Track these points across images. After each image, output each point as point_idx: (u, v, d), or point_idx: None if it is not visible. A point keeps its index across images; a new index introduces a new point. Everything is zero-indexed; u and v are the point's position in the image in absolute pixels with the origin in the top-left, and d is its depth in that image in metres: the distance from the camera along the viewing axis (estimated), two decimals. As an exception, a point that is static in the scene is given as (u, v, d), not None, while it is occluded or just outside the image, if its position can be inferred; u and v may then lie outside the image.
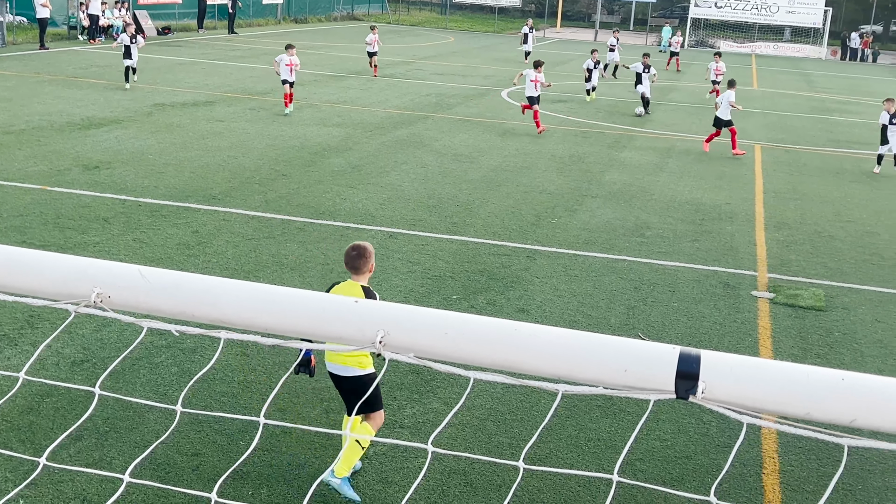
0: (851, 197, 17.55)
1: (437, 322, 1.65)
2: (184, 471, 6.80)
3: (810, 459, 7.69)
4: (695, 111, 28.10)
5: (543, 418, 7.94)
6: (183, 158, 17.35)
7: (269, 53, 31.64)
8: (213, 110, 23.04)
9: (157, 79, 27.47)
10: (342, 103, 25.64)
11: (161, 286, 1.64)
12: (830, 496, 6.95)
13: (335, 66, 33.85)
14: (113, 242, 12.12)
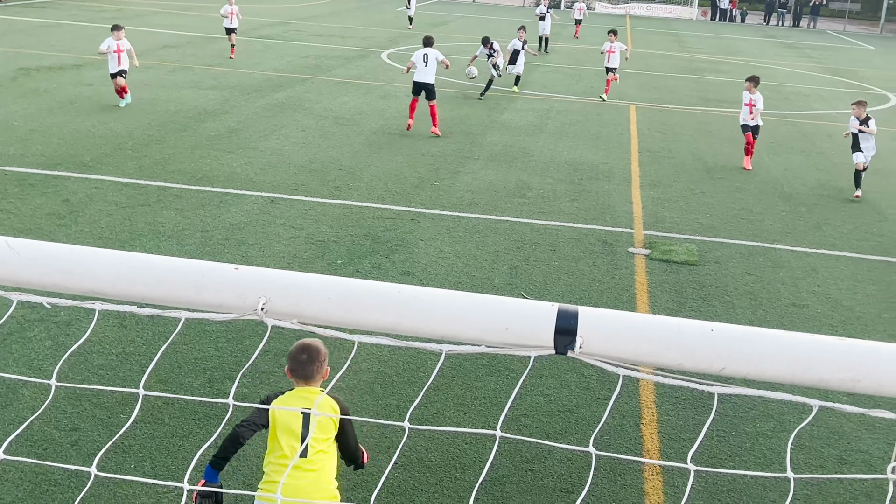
0: (721, 154, 18.15)
1: (320, 287, 1.65)
2: (62, 446, 6.73)
3: (686, 409, 7.88)
4: (573, 72, 28.71)
5: (429, 379, 7.96)
6: (51, 124, 16.85)
7: (141, 15, 30.59)
8: (82, 74, 22.29)
9: (20, 42, 26.30)
10: (217, 66, 25.16)
11: (30, 257, 1.59)
12: (706, 443, 7.29)
13: (210, 28, 32.52)
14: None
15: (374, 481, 6.62)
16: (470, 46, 28.28)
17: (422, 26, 37.36)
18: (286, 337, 8.21)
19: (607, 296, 10.57)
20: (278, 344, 8.17)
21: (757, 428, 7.75)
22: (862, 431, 7.84)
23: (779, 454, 7.31)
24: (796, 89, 28.81)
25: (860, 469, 7.40)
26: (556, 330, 1.56)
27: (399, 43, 32.81)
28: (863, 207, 14.88)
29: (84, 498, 6.16)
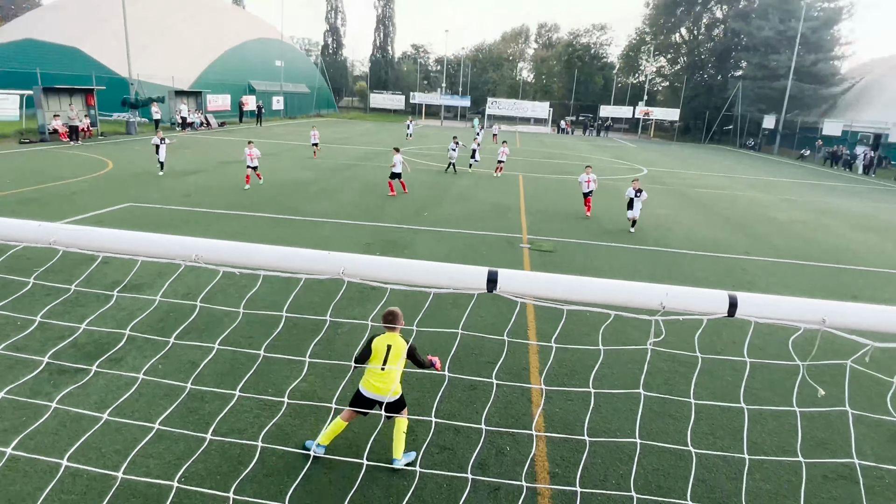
0: (565, 199, 18.49)
1: (374, 261, 1.79)
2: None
3: (555, 323, 7.98)
4: (489, 163, 29.87)
5: (422, 311, 8.00)
6: (231, 187, 16.75)
7: (278, 135, 30.97)
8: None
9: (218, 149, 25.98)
10: (307, 158, 25.07)
11: (228, 250, 1.83)
12: (573, 343, 7.38)
13: (309, 139, 32.26)
14: None
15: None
16: (436, 147, 29.24)
17: (417, 138, 39.60)
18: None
19: (512, 265, 9.95)
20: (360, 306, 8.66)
21: (617, 333, 7.87)
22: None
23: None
24: (598, 165, 30.10)
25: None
26: (488, 280, 1.68)
27: (404, 146, 33.93)
28: (637, 233, 15.01)
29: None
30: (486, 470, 5.01)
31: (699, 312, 1.79)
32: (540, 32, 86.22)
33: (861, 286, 11.59)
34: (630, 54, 73.99)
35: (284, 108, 55.39)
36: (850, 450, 5.58)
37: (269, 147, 29.56)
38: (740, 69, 60.54)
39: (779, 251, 14.08)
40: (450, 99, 68.38)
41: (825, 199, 24.30)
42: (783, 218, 18.90)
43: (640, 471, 5.16)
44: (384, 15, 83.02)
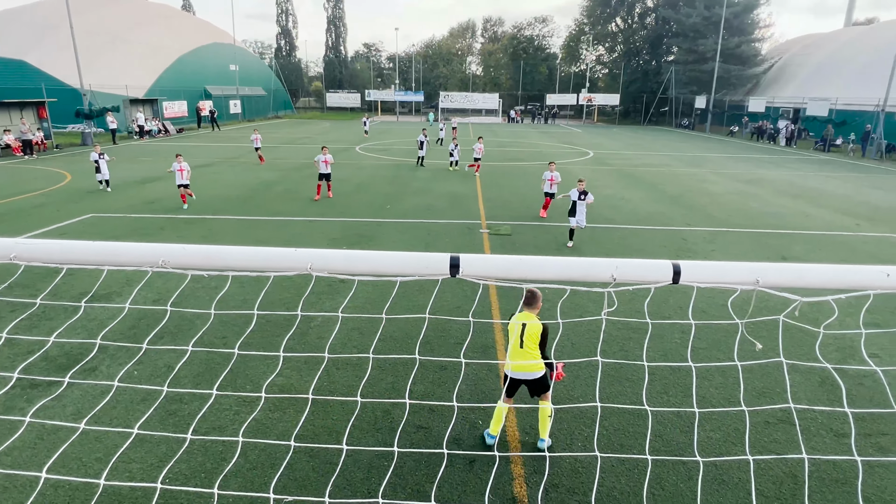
0: (518, 184, 18.57)
1: (339, 255, 1.73)
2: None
3: (516, 301, 8.10)
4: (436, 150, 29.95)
5: (390, 298, 8.34)
6: (197, 192, 15.97)
7: (235, 139, 29.73)
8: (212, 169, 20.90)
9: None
10: (279, 159, 25.08)
11: (196, 252, 1.74)
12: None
13: (273, 140, 31.25)
14: None
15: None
16: (399, 142, 28.51)
17: (375, 134, 38.82)
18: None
19: (472, 250, 10.17)
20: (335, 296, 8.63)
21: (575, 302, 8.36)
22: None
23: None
24: (548, 151, 30.43)
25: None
26: (451, 265, 1.69)
27: (362, 143, 33.40)
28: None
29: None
30: (461, 444, 5.06)
31: (647, 282, 1.83)
32: (485, 27, 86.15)
33: (789, 248, 12.14)
34: (571, 44, 74.76)
35: (242, 111, 53.85)
36: (786, 396, 5.87)
37: (230, 151, 28.76)
38: (672, 54, 61.95)
39: (715, 221, 14.58)
40: (403, 95, 67.73)
41: (754, 171, 25.25)
42: (717, 190, 19.56)
43: (602, 432, 5.31)
44: (334, 16, 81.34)
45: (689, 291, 8.24)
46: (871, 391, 6.08)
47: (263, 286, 8.30)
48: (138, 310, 7.70)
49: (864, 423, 5.51)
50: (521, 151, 30.86)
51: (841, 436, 5.30)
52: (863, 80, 40.13)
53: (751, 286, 1.86)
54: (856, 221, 15.03)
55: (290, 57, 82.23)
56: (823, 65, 47.09)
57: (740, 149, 36.59)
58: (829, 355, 6.90)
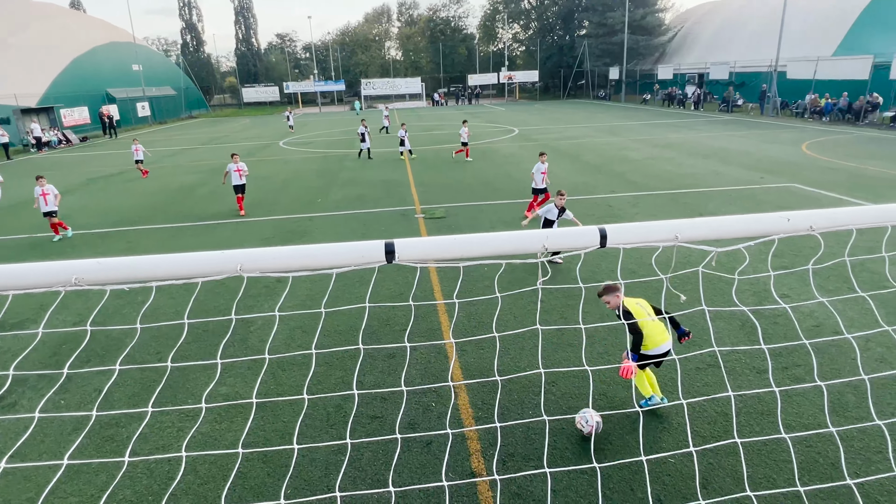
0: (447, 166, 18.51)
1: (272, 252, 1.69)
2: None
3: (456, 281, 8.28)
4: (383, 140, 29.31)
5: (329, 286, 8.00)
6: (111, 203, 14.78)
7: (147, 143, 27.06)
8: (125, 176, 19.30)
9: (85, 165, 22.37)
10: (203, 160, 23.77)
11: (114, 266, 1.65)
12: (475, 296, 7.64)
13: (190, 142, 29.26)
14: None
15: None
16: (323, 133, 27.67)
17: (299, 128, 37.77)
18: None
19: (409, 235, 11.14)
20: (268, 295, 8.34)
21: (514, 277, 8.17)
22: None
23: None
24: (474, 132, 30.72)
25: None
26: (386, 252, 1.68)
27: (286, 137, 32.15)
28: (517, 188, 15.62)
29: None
30: (417, 427, 5.09)
31: (577, 248, 1.89)
32: (401, 10, 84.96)
33: (705, 205, 12.93)
34: (487, 24, 75.18)
35: (152, 113, 50.61)
36: (711, 342, 6.29)
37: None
38: (584, 28, 63.71)
39: (636, 185, 15.28)
40: (324, 85, 65.96)
41: (667, 135, 26.58)
42: (636, 156, 20.47)
43: (550, 397, 5.49)
44: (242, 6, 77.53)
45: (617, 253, 8.61)
46: (784, 328, 6.63)
47: (193, 294, 7.91)
48: (58, 334, 7.14)
49: (780, 357, 6.01)
50: (449, 134, 30.84)
51: (762, 371, 5.76)
52: (756, 42, 43.00)
53: (671, 242, 1.97)
54: (760, 175, 16.19)
55: (199, 53, 77.84)
56: (721, 30, 50.00)
57: (654, 115, 38.35)
58: (745, 300, 7.44)
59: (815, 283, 7.91)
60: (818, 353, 6.02)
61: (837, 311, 6.95)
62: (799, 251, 9.08)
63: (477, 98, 65.51)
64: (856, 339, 6.16)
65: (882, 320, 6.60)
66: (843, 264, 7.95)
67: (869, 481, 4.16)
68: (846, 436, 4.70)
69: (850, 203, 12.67)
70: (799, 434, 4.70)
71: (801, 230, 2.03)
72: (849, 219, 2.04)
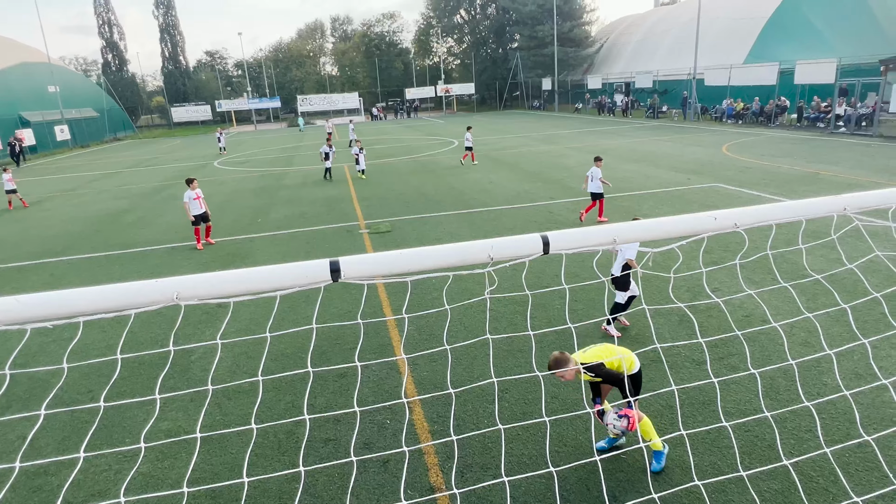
0: (391, 181, 18.32)
1: (208, 278, 1.63)
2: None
3: (404, 295, 8.26)
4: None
5: (274, 306, 7.94)
6: (29, 234, 13.77)
7: (62, 170, 25.27)
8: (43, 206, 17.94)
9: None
10: (124, 185, 22.49)
11: (35, 302, 1.54)
12: (424, 309, 7.74)
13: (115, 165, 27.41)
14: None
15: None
16: (259, 151, 26.66)
17: (234, 146, 35.48)
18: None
19: (355, 252, 11.06)
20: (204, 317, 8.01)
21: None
22: None
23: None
24: (414, 145, 30.78)
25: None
26: (331, 270, 1.65)
27: (219, 158, 31.07)
28: (460, 197, 15.81)
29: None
30: (372, 447, 4.99)
31: (521, 256, 1.92)
32: (334, 26, 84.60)
33: (638, 207, 13.51)
34: (422, 38, 76.08)
35: (72, 136, 47.76)
36: (653, 339, 6.56)
37: (65, 182, 25.41)
38: (516, 41, 65.62)
39: (574, 192, 15.75)
40: (258, 102, 64.45)
41: (599, 142, 27.67)
42: (571, 163, 21.17)
43: (504, 405, 5.54)
44: (167, 23, 74.82)
45: (560, 259, 8.84)
46: (718, 320, 7.00)
47: (126, 327, 7.48)
48: (-28, 380, 6.53)
49: (716, 348, 6.33)
50: (389, 148, 30.85)
51: (700, 363, 6.04)
52: (675, 52, 45.68)
53: (609, 245, 2.04)
54: (687, 176, 17.12)
55: (122, 72, 74.36)
56: (643, 41, 52.82)
57: (586, 123, 39.87)
58: (681, 296, 7.81)
59: (742, 276, 8.40)
60: (750, 341, 6.38)
61: (764, 301, 7.41)
62: (727, 247, 9.64)
63: (416, 112, 65.94)
64: (782, 326, 6.59)
65: (803, 307, 7.09)
66: (766, 257, 8.51)
67: (803, 460, 4.43)
68: (779, 418, 4.99)
69: (768, 199, 13.61)
70: (738, 421, 4.95)
71: (726, 228, 2.16)
72: (769, 215, 2.19)
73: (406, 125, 50.52)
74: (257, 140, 43.66)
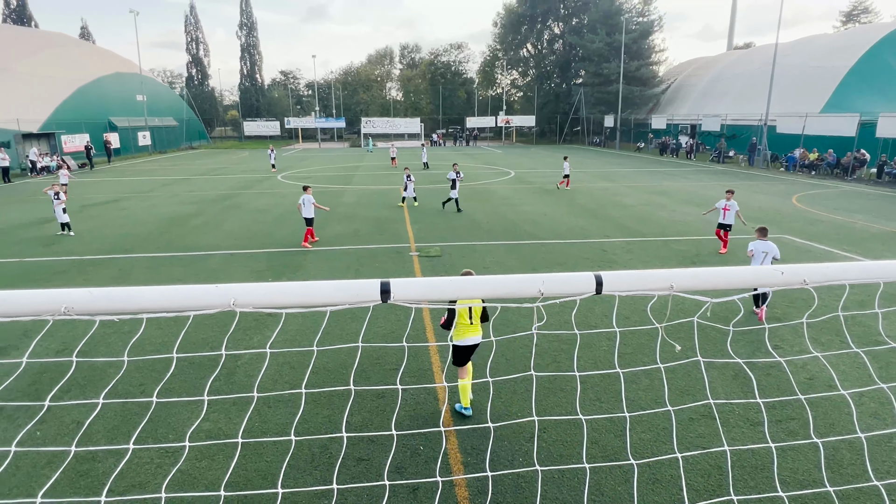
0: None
1: (265, 288, 1.65)
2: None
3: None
4: (385, 180, 29.39)
5: (323, 322, 8.04)
6: (104, 231, 15.37)
7: (140, 173, 27.18)
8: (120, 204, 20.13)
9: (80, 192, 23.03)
10: (190, 191, 24.16)
11: (102, 297, 1.62)
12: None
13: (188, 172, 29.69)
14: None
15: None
16: (322, 168, 27.37)
17: (296, 162, 37.03)
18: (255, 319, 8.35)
19: (403, 274, 10.88)
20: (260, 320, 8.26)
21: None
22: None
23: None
24: (470, 172, 31.01)
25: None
26: (381, 291, 1.67)
27: (285, 171, 32.60)
28: (510, 228, 15.82)
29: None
30: (404, 472, 4.95)
31: (572, 294, 1.87)
32: (403, 53, 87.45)
33: (697, 253, 13.04)
34: (486, 69, 77.39)
35: (152, 142, 51.15)
36: (706, 392, 6.23)
37: (140, 185, 27.13)
38: (580, 77, 65.64)
39: (630, 231, 15.42)
40: (325, 122, 67.08)
41: (660, 183, 27.04)
42: (630, 202, 20.74)
43: (541, 445, 5.38)
44: (248, 44, 79.57)
45: (612, 300, 8.61)
46: (778, 380, 6.59)
47: (183, 327, 7.80)
48: (39, 363, 6.97)
49: (774, 410, 5.95)
50: (445, 173, 31.13)
51: (756, 424, 5.68)
52: (746, 97, 44.39)
53: (666, 291, 1.96)
54: (751, 225, 16.40)
55: (203, 86, 79.33)
56: (713, 84, 51.67)
57: (647, 163, 39.12)
58: (739, 350, 7.42)
59: (808, 336, 7.91)
60: (812, 407, 5.96)
61: (831, 364, 6.93)
62: (791, 303, 9.12)
63: (475, 140, 66.72)
64: (850, 394, 6.13)
65: (875, 376, 6.58)
66: (836, 318, 7.98)
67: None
68: (843, 494, 4.60)
69: (840, 255, 12.82)
70: (796, 492, 4.60)
71: (794, 283, 2.05)
72: (842, 274, 2.06)
73: (464, 152, 51.11)
74: (321, 157, 45.31)
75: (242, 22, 79.15)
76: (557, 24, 69.14)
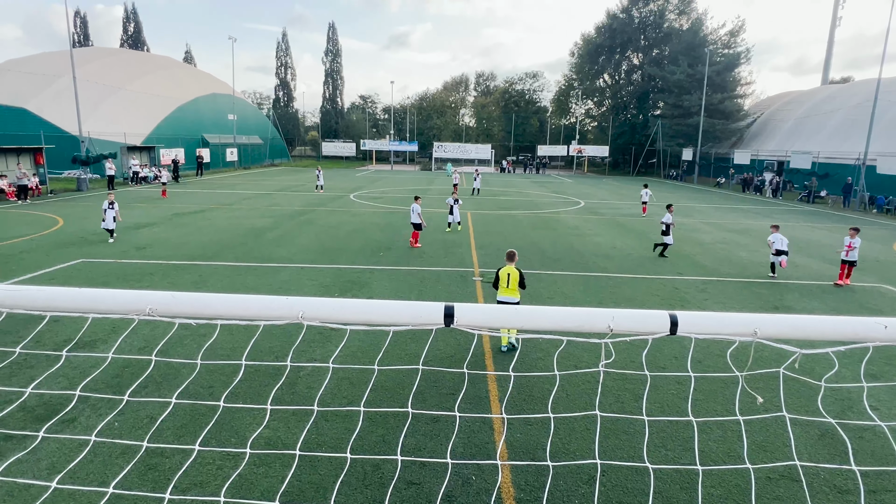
0: (510, 232, 18.46)
1: (330, 304, 1.70)
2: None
3: (511, 351, 8.26)
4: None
5: (386, 342, 8.10)
6: (189, 238, 16.44)
7: (225, 186, 29.43)
8: (206, 215, 21.51)
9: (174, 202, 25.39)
10: (269, 206, 25.34)
11: (183, 301, 1.70)
12: (530, 370, 7.86)
13: (268, 188, 31.77)
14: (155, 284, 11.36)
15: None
16: (392, 189, 28.38)
17: (370, 183, 38.38)
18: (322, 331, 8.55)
19: (465, 298, 11.03)
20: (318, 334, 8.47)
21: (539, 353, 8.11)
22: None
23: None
24: (539, 200, 30.82)
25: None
26: (445, 315, 1.67)
27: (357, 190, 34.07)
28: (578, 260, 15.71)
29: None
30: (454, 501, 4.85)
31: (644, 333, 1.79)
32: (478, 81, 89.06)
33: (780, 297, 12.16)
34: (561, 98, 77.21)
35: (238, 158, 54.70)
36: (788, 451, 5.72)
37: (224, 197, 28.95)
38: (658, 109, 64.04)
39: (706, 270, 14.65)
40: (398, 145, 69.19)
41: (741, 221, 25.63)
42: (707, 239, 19.77)
43: (601, 489, 5.12)
44: (332, 69, 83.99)
45: (686, 342, 8.16)
46: (872, 445, 5.95)
47: (253, 334, 8.14)
48: (123, 358, 7.48)
49: (867, 478, 5.36)
50: (513, 201, 31.16)
51: (844, 492, 5.14)
52: (841, 134, 41.53)
53: (749, 337, 1.82)
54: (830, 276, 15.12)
55: (288, 107, 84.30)
56: (804, 120, 48.78)
57: (727, 199, 37.27)
58: (827, 408, 6.79)
59: (910, 398, 7.12)
60: (914, 479, 5.32)
61: (937, 432, 6.19)
62: (890, 360, 8.28)
63: (545, 168, 66.41)
64: (961, 468, 5.42)
65: None
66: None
67: None
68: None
69: (952, 312, 11.54)
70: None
71: (900, 340, 1.85)
72: (958, 333, 1.83)
73: (533, 180, 50.95)
74: (392, 178, 46.62)
75: (328, 49, 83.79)
76: (637, 54, 68.11)
